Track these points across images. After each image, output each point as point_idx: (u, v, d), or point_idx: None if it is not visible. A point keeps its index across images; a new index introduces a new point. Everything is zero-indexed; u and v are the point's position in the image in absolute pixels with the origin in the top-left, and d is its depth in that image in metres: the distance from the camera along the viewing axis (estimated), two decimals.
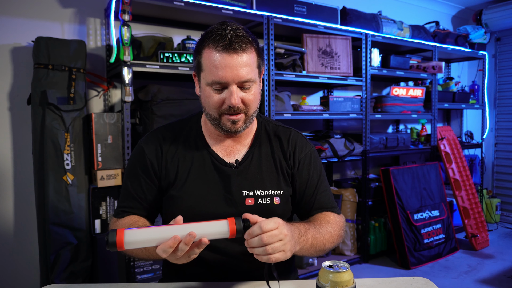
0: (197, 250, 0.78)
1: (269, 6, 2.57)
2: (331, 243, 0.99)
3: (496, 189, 4.65)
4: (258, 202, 1.02)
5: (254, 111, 1.00)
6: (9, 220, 2.19)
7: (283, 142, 1.10)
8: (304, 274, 2.75)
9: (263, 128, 1.12)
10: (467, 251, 3.40)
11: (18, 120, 2.19)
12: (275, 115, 2.55)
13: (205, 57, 0.94)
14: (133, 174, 1.06)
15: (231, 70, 0.91)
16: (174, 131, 1.09)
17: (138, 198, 1.04)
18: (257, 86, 0.99)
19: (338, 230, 1.03)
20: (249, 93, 0.96)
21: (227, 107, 0.95)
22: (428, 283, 0.98)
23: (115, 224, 1.04)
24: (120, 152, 2.15)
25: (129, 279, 2.12)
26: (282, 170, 1.07)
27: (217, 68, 0.92)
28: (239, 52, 0.92)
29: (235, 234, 0.79)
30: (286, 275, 1.12)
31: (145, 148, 1.06)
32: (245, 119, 0.99)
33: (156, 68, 2.15)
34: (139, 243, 0.76)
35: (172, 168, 1.04)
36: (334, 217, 1.06)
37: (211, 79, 0.94)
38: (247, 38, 0.94)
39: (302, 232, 0.89)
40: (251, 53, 0.94)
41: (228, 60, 0.91)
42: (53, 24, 2.26)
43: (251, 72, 0.94)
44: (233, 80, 0.92)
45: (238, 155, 1.06)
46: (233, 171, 1.03)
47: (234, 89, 0.93)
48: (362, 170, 3.16)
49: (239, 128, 0.99)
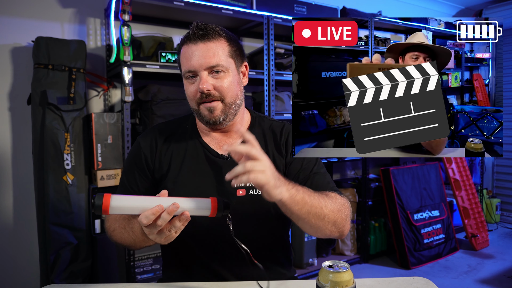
0: (178, 224, 0.79)
1: (269, 6, 2.57)
2: (330, 212, 0.89)
3: (496, 189, 4.65)
4: (249, 193, 1.03)
5: (231, 99, 1.01)
6: (9, 220, 2.19)
7: (277, 134, 1.10)
8: (304, 274, 2.75)
9: (256, 123, 1.13)
10: (467, 251, 3.40)
11: (18, 120, 2.19)
12: (275, 115, 2.55)
13: (181, 54, 1.03)
14: (129, 168, 1.10)
15: (197, 57, 0.98)
16: (171, 127, 1.13)
17: (132, 191, 1.07)
18: (232, 75, 1.01)
19: (339, 205, 0.93)
20: (222, 80, 0.99)
21: (199, 95, 0.99)
22: (428, 283, 0.98)
23: (109, 215, 1.06)
24: (120, 152, 2.15)
25: (129, 279, 2.12)
26: (276, 163, 1.06)
27: (187, 58, 1.00)
28: (203, 40, 0.99)
29: (216, 213, 0.83)
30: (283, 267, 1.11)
31: (141, 142, 1.10)
32: (223, 108, 1.01)
33: (156, 68, 2.15)
34: (123, 209, 0.80)
35: (165, 160, 1.07)
36: (334, 194, 0.97)
37: (183, 69, 1.02)
38: (213, 28, 1.01)
39: (290, 182, 0.85)
40: (218, 41, 1.00)
41: (193, 48, 0.99)
42: (53, 24, 2.26)
43: (220, 59, 0.99)
44: (201, 66, 0.98)
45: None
46: (225, 162, 1.05)
47: (203, 75, 0.98)
48: (362, 170, 3.16)
49: (217, 117, 1.01)
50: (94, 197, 0.77)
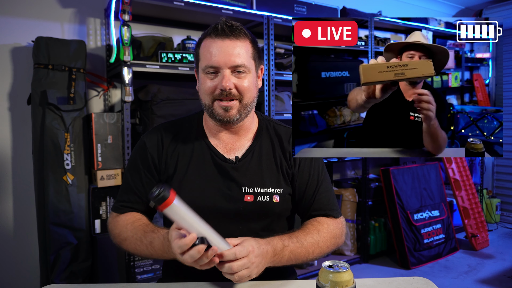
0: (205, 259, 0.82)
1: (269, 6, 2.57)
2: (318, 254, 0.99)
3: (496, 189, 4.64)
4: (257, 200, 1.02)
5: (249, 100, 1.02)
6: (9, 220, 2.19)
7: (283, 141, 1.10)
8: (304, 274, 2.75)
9: (264, 126, 1.13)
10: (467, 251, 3.40)
11: (18, 120, 2.19)
12: (275, 115, 2.55)
13: (202, 46, 1.01)
14: (134, 168, 1.08)
15: (223, 54, 0.97)
16: (176, 126, 1.11)
17: (138, 192, 1.06)
18: (252, 76, 1.02)
19: (328, 240, 1.02)
20: (243, 80, 0.99)
21: (219, 91, 0.98)
22: (428, 283, 0.98)
23: (115, 219, 1.05)
24: (120, 152, 2.15)
25: (129, 279, 2.12)
26: (282, 169, 1.07)
27: (211, 53, 0.98)
28: (231, 37, 0.98)
29: None
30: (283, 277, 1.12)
31: (147, 142, 1.08)
32: (239, 107, 1.01)
33: (156, 68, 2.15)
34: (179, 214, 0.79)
35: (171, 162, 1.05)
36: (327, 224, 1.05)
37: (204, 64, 0.99)
38: (240, 28, 1.01)
39: (278, 250, 0.92)
40: (244, 41, 1.00)
41: (220, 44, 0.97)
42: (53, 24, 2.26)
43: (244, 59, 0.99)
44: (225, 64, 0.97)
45: (238, 152, 1.07)
46: (232, 167, 1.04)
47: (226, 73, 0.97)
48: (362, 170, 3.16)
49: (232, 116, 1.00)
50: (161, 188, 0.75)
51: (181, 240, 0.79)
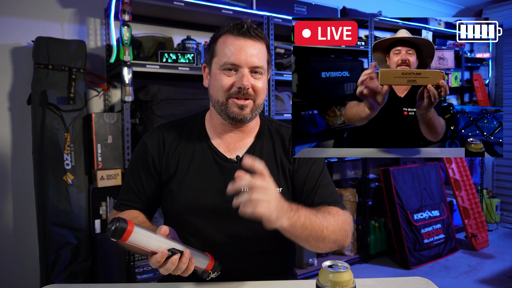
0: (182, 266, 0.83)
1: (269, 6, 2.57)
2: (331, 233, 0.91)
3: (496, 189, 4.64)
4: None
5: (261, 101, 1.04)
6: (9, 220, 2.19)
7: (285, 140, 1.11)
8: (304, 274, 2.75)
9: (266, 126, 1.13)
10: (467, 251, 3.40)
11: (18, 120, 2.19)
12: (275, 115, 2.55)
13: (221, 42, 1.01)
14: (134, 168, 1.08)
15: (245, 53, 0.98)
16: (177, 127, 1.11)
17: (138, 192, 1.07)
18: (265, 79, 1.04)
19: (341, 223, 0.94)
20: (259, 81, 1.01)
21: (236, 89, 0.99)
22: (428, 283, 0.98)
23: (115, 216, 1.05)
24: (120, 152, 2.15)
25: (129, 279, 2.12)
26: (283, 168, 1.07)
27: (232, 50, 0.98)
28: (254, 39, 1.00)
29: (210, 268, 0.92)
30: (284, 277, 1.12)
31: (148, 142, 1.08)
32: (252, 107, 1.02)
33: (156, 68, 2.15)
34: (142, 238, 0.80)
35: (173, 162, 1.05)
36: (337, 210, 0.99)
37: (224, 60, 0.99)
38: (261, 31, 1.02)
39: (293, 207, 0.85)
40: (263, 45, 1.02)
41: (243, 43, 0.98)
42: (53, 24, 2.26)
43: (262, 61, 1.01)
44: (246, 63, 0.98)
45: (239, 151, 1.07)
46: (234, 166, 1.04)
47: (246, 72, 0.98)
48: (362, 170, 3.16)
49: (246, 114, 1.01)
50: (118, 220, 0.75)
51: (153, 257, 0.80)
